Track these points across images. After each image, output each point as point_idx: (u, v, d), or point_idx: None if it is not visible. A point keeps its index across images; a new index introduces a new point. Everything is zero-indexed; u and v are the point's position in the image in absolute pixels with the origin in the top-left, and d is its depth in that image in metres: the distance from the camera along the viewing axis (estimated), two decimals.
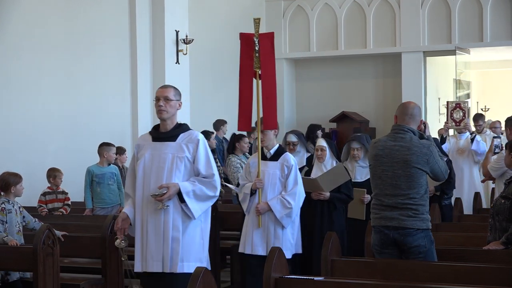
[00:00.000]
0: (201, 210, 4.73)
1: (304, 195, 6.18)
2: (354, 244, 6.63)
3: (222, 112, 11.98)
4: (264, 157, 6.25)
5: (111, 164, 8.30)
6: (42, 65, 8.97)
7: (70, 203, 7.93)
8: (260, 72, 6.07)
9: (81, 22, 9.57)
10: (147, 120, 10.51)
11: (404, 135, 4.87)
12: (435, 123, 12.60)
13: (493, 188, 7.72)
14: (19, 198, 6.22)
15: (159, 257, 4.65)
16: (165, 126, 5.23)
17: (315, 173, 6.72)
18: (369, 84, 14.28)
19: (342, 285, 4.22)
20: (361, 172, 7.05)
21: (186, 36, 10.81)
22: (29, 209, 6.84)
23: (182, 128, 5.30)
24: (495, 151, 7.40)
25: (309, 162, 7.41)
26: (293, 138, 7.68)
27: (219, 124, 11.05)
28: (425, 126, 5.07)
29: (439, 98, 14.50)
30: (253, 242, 6.11)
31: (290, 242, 6.13)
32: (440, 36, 13.32)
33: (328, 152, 6.74)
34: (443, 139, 9.48)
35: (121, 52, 10.30)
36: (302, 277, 4.35)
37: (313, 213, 6.60)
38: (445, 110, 14.29)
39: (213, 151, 8.99)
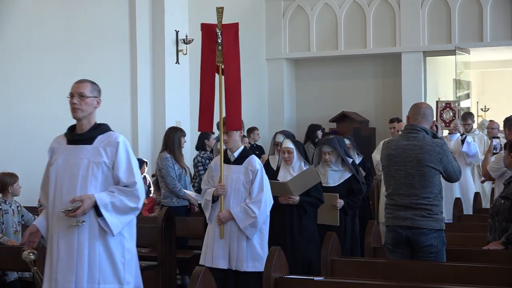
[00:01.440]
0: (121, 225, 4.15)
1: (272, 202, 5.69)
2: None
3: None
4: (227, 161, 5.75)
5: None
6: (42, 65, 8.97)
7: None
8: (223, 67, 5.57)
9: (81, 22, 9.57)
10: (147, 120, 10.51)
11: (417, 134, 4.88)
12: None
13: (493, 188, 7.71)
14: (18, 198, 6.23)
15: (70, 278, 4.07)
16: (81, 126, 4.41)
17: (282, 176, 6.32)
18: (369, 84, 14.28)
19: (342, 285, 4.22)
20: (333, 177, 6.82)
21: (186, 36, 10.80)
22: (29, 209, 6.85)
23: (100, 129, 4.51)
24: (494, 151, 7.39)
25: None
26: (282, 139, 7.06)
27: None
28: (437, 128, 5.09)
29: (439, 98, 14.47)
30: (214, 254, 5.61)
31: (259, 253, 5.59)
32: (440, 36, 13.32)
33: (295, 154, 6.34)
34: None
35: (121, 52, 10.30)
36: (302, 277, 4.35)
37: (282, 218, 6.22)
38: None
39: (212, 151, 8.99)
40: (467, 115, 9.76)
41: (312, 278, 4.29)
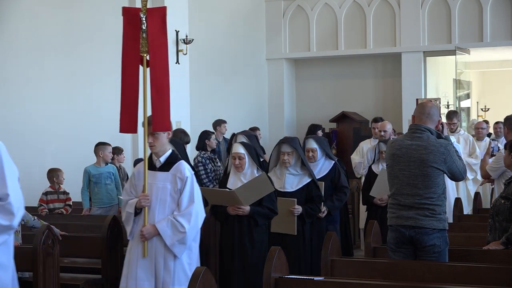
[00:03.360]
0: None
1: (204, 215, 4.91)
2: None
3: (222, 112, 11.97)
4: (152, 167, 4.94)
5: (109, 164, 8.27)
6: (41, 65, 8.97)
7: (71, 204, 7.93)
8: (148, 58, 4.86)
9: (81, 22, 9.57)
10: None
11: (421, 134, 4.88)
12: None
13: (492, 188, 7.70)
14: None
15: None
16: None
17: (232, 184, 5.75)
18: (369, 84, 14.28)
19: (342, 285, 4.22)
20: (291, 181, 6.19)
21: (186, 36, 10.80)
22: (29, 209, 6.84)
23: None
24: (493, 153, 7.36)
25: None
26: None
27: (217, 124, 11.04)
28: (442, 127, 5.09)
29: (439, 98, 14.51)
30: (137, 276, 4.81)
31: (186, 274, 4.77)
32: (440, 36, 13.31)
33: (247, 159, 5.74)
34: None
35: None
36: (302, 277, 4.35)
37: (231, 231, 5.70)
38: (445, 110, 14.37)
39: (213, 151, 8.99)
40: (452, 114, 9.33)
41: (312, 278, 4.29)
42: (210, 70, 12.55)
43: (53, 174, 7.88)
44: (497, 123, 10.31)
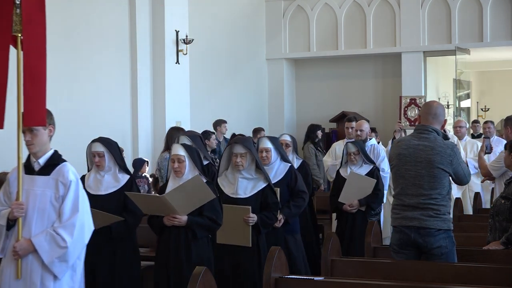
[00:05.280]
0: None
1: (92, 228, 4.11)
2: (237, 276, 5.29)
3: (222, 112, 11.98)
4: (30, 170, 4.19)
5: None
6: None
7: None
8: (22, 38, 4.17)
9: (81, 22, 9.57)
10: (147, 120, 10.51)
11: (428, 135, 4.84)
12: None
13: (493, 188, 7.70)
14: None
15: None
16: None
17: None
18: (369, 84, 14.28)
19: (342, 285, 4.22)
20: (245, 186, 5.48)
21: (186, 36, 10.80)
22: None
23: None
24: (486, 151, 7.34)
25: None
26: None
27: (217, 124, 11.05)
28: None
29: (439, 98, 14.50)
30: None
31: None
32: (440, 36, 13.32)
33: (187, 163, 5.12)
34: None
35: (121, 52, 10.30)
36: (302, 277, 4.35)
37: (166, 244, 5.06)
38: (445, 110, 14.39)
39: (213, 151, 8.99)
40: None
41: (312, 278, 4.29)
42: (210, 70, 12.55)
43: None
44: (486, 122, 10.28)
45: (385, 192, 7.81)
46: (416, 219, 4.78)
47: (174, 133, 7.85)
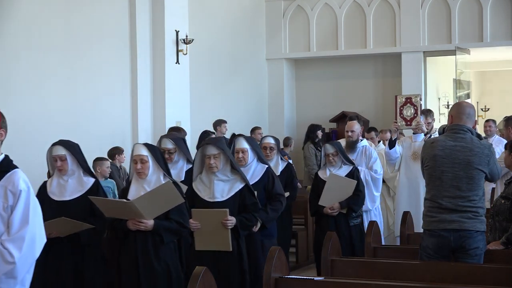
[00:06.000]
0: None
1: (44, 240, 3.69)
2: (219, 283, 4.67)
3: (222, 112, 11.98)
4: None
5: (108, 179, 8.14)
6: (42, 65, 8.97)
7: None
8: None
9: (81, 22, 9.57)
10: (147, 121, 10.51)
11: (464, 135, 4.76)
12: (435, 124, 12.60)
13: (493, 188, 7.69)
14: None
15: None
16: None
17: (134, 194, 4.93)
18: (369, 84, 14.28)
19: (342, 285, 4.22)
20: (221, 188, 5.23)
21: (186, 36, 10.80)
22: None
23: None
24: None
25: (189, 176, 5.67)
26: (168, 145, 6.08)
27: (217, 124, 11.05)
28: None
29: (439, 98, 14.51)
30: None
31: None
32: (440, 36, 13.32)
33: (151, 163, 4.93)
34: (392, 142, 7.72)
35: (121, 52, 10.30)
36: (302, 277, 4.35)
37: (132, 251, 4.86)
38: (445, 110, 14.39)
39: None
40: (427, 113, 8.37)
41: (312, 278, 4.29)
42: (210, 70, 12.55)
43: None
44: (487, 121, 10.12)
45: (378, 194, 7.66)
46: (455, 221, 4.68)
47: (174, 133, 7.84)
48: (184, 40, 10.78)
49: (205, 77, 12.31)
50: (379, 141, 9.59)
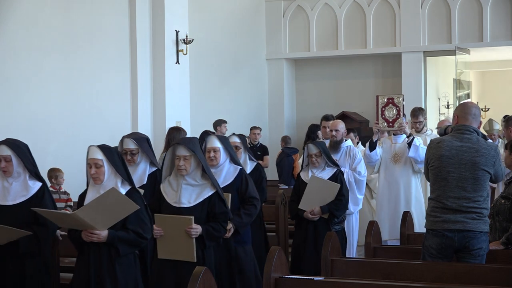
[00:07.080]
0: None
1: None
2: None
3: (222, 112, 11.98)
4: None
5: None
6: (42, 65, 8.96)
7: (72, 205, 7.91)
8: None
9: (80, 22, 9.56)
10: (147, 120, 10.51)
11: (470, 135, 4.76)
12: (435, 124, 12.60)
13: (493, 188, 7.69)
14: None
15: None
16: None
17: (90, 199, 4.50)
18: (369, 84, 14.28)
19: (342, 285, 4.22)
20: (189, 194, 4.83)
21: (186, 36, 10.80)
22: None
23: None
24: None
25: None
26: (130, 145, 5.75)
27: (217, 124, 11.05)
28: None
29: (439, 98, 14.51)
30: None
31: None
32: (440, 36, 13.32)
33: (106, 167, 4.50)
34: (372, 144, 7.44)
35: (121, 52, 10.30)
36: (302, 277, 4.34)
37: (86, 262, 4.44)
38: (445, 110, 14.40)
39: None
40: (418, 112, 8.04)
41: (312, 278, 4.28)
42: (210, 70, 12.55)
43: (52, 175, 7.87)
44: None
45: (361, 197, 7.36)
46: (459, 222, 4.69)
47: (174, 133, 7.84)
48: (184, 40, 10.77)
49: (205, 77, 12.31)
50: (358, 142, 9.44)
